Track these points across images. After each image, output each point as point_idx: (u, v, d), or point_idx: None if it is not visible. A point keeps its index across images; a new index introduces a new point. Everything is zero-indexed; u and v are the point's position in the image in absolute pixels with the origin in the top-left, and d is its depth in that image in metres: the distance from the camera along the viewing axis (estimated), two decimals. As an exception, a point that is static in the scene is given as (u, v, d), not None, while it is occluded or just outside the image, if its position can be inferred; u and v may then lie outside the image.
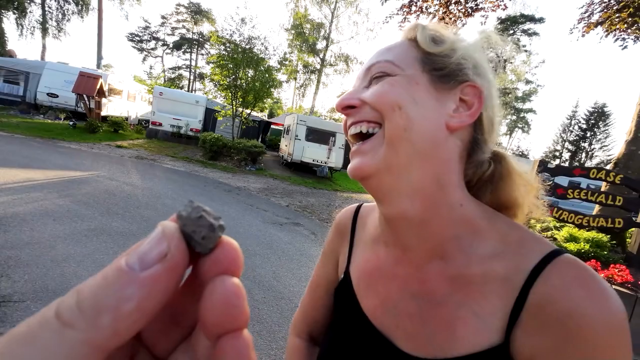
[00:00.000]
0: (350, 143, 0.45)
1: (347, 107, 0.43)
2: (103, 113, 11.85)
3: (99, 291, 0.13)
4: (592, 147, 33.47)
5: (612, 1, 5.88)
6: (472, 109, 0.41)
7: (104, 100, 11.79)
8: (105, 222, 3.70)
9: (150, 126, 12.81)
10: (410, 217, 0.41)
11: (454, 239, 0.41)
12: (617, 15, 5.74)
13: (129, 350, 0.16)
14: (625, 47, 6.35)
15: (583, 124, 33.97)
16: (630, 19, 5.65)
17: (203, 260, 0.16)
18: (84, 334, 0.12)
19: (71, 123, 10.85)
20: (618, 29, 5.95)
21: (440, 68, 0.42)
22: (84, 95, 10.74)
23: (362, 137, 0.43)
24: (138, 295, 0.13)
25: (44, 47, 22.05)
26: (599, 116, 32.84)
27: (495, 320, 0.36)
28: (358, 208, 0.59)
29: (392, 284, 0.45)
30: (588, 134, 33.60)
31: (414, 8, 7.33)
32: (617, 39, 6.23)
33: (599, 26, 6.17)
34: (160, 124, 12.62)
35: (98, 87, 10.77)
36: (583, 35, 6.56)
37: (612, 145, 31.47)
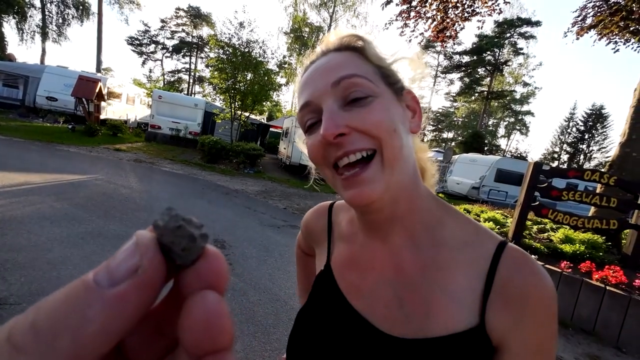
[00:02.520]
0: (330, 172, 0.43)
1: (337, 136, 0.40)
2: (102, 116, 11.90)
3: (59, 309, 0.11)
4: (591, 149, 33.61)
5: (603, 5, 5.96)
6: (417, 113, 0.47)
7: (103, 103, 11.85)
8: (102, 225, 3.72)
9: (149, 129, 12.85)
10: (392, 213, 0.45)
11: (423, 226, 0.45)
12: (609, 19, 5.82)
13: None
14: (617, 50, 6.43)
15: (581, 126, 34.13)
16: (622, 23, 5.73)
17: (185, 272, 0.14)
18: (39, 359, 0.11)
19: (70, 126, 10.89)
20: (611, 32, 6.03)
21: (395, 81, 0.45)
22: (83, 99, 10.79)
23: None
24: (103, 315, 0.11)
25: (43, 51, 22.17)
26: (596, 118, 33.00)
27: (469, 302, 0.40)
28: (330, 207, 0.62)
29: (369, 274, 0.48)
30: (586, 136, 33.74)
31: (412, 14, 7.40)
32: (610, 42, 6.31)
33: (592, 29, 6.24)
34: (159, 127, 12.67)
35: (97, 90, 10.82)
36: (577, 38, 6.64)
37: (610, 147, 31.62)
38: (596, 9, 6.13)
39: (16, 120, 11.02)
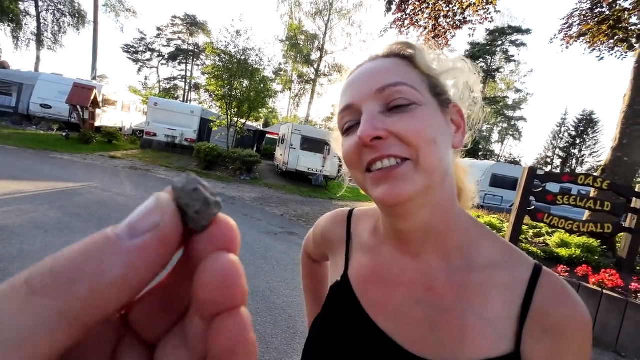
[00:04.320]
0: (361, 175, 0.42)
1: (374, 139, 0.39)
2: (97, 124, 11.81)
3: (78, 258, 0.12)
4: (582, 153, 34.17)
5: (589, 14, 6.14)
6: (462, 129, 0.46)
7: (97, 111, 11.77)
8: (97, 233, 3.66)
9: (144, 136, 12.78)
10: (426, 228, 0.43)
11: (458, 247, 0.44)
12: (597, 27, 5.99)
13: (113, 333, 0.15)
14: (602, 58, 6.61)
15: (572, 131, 34.73)
16: (610, 31, 5.90)
17: (196, 238, 0.14)
18: (55, 302, 0.11)
19: (64, 134, 10.79)
20: (600, 41, 6.20)
21: (442, 92, 0.44)
22: (78, 106, 10.72)
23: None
24: (123, 264, 0.12)
25: (38, 58, 22.07)
26: (587, 123, 33.65)
27: (504, 327, 0.39)
28: (350, 214, 0.59)
29: (395, 290, 0.46)
30: (578, 141, 34.32)
31: (406, 22, 7.54)
32: (594, 49, 6.49)
33: (581, 38, 6.42)
34: (154, 134, 12.60)
35: (92, 98, 10.77)
36: (567, 47, 6.81)
37: (601, 152, 32.19)
38: (582, 17, 6.32)
39: (9, 128, 10.89)
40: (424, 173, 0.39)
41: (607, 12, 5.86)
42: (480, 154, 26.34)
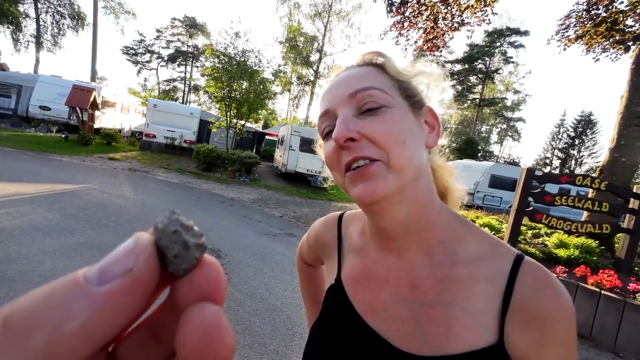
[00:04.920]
0: (341, 177, 0.44)
1: (348, 140, 0.41)
2: (96, 125, 11.81)
3: (39, 304, 0.11)
4: (581, 154, 34.26)
5: (585, 15, 6.18)
6: (436, 129, 0.48)
7: (97, 112, 11.77)
8: (95, 235, 3.66)
9: (143, 138, 12.78)
10: (406, 225, 0.44)
11: (440, 243, 0.45)
12: (595, 29, 6.03)
13: None
14: (598, 59, 6.65)
15: (571, 132, 34.84)
16: (607, 33, 5.93)
17: (179, 282, 0.13)
18: (7, 357, 0.10)
19: (63, 136, 10.78)
20: (598, 42, 6.23)
21: (413, 95, 0.46)
22: (77, 108, 10.72)
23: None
24: (86, 313, 0.11)
25: (37, 60, 22.07)
26: (586, 124, 33.76)
27: (487, 319, 0.40)
28: (340, 218, 0.61)
29: (382, 289, 0.47)
30: (576, 142, 34.43)
31: (406, 24, 7.58)
32: (590, 51, 6.52)
33: (580, 40, 6.45)
34: (154, 136, 12.61)
35: (91, 99, 10.77)
36: (565, 49, 6.84)
37: (599, 153, 32.29)
38: (579, 19, 6.36)
39: (7, 130, 10.88)
40: (395, 172, 0.41)
41: (604, 14, 5.90)
42: (479, 155, 26.37)
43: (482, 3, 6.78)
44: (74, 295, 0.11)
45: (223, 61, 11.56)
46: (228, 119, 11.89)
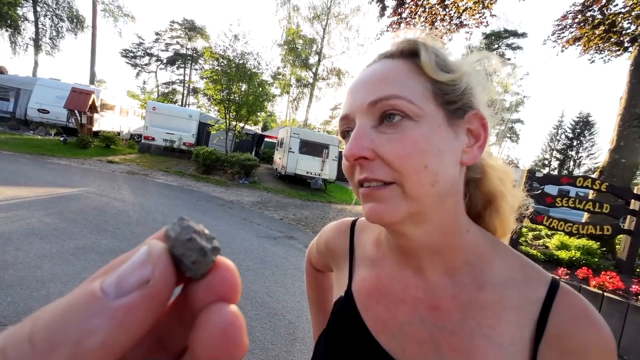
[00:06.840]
0: (355, 187, 0.41)
1: (360, 158, 0.37)
2: (95, 128, 11.77)
3: (59, 320, 0.11)
4: (580, 155, 34.40)
5: (581, 17, 6.21)
6: (480, 140, 0.40)
7: (95, 115, 11.74)
8: (94, 239, 3.62)
9: (142, 141, 12.76)
10: (425, 247, 0.41)
11: (465, 264, 0.41)
12: (592, 31, 6.06)
13: None
14: (593, 61, 6.69)
15: (569, 133, 34.99)
16: (605, 35, 5.96)
17: (195, 285, 0.14)
18: None
19: (62, 139, 10.74)
20: (596, 44, 6.27)
21: (453, 101, 0.38)
22: (76, 111, 10.69)
23: None
24: (107, 328, 0.11)
25: (36, 63, 22.05)
26: (584, 125, 33.92)
27: (516, 351, 0.36)
28: (352, 225, 0.57)
29: (398, 308, 0.43)
30: (575, 143, 34.57)
31: (403, 26, 7.60)
32: (586, 52, 6.57)
33: (577, 41, 6.49)
34: (153, 139, 12.59)
35: (90, 102, 10.75)
36: (562, 51, 6.88)
37: (598, 154, 32.44)
38: (574, 20, 6.40)
39: (5, 133, 10.84)
40: (410, 200, 0.37)
41: (600, 17, 5.93)
42: (478, 156, 26.49)
43: (481, 5, 6.81)
44: (93, 309, 0.11)
45: (222, 64, 11.58)
46: (227, 121, 11.88)
